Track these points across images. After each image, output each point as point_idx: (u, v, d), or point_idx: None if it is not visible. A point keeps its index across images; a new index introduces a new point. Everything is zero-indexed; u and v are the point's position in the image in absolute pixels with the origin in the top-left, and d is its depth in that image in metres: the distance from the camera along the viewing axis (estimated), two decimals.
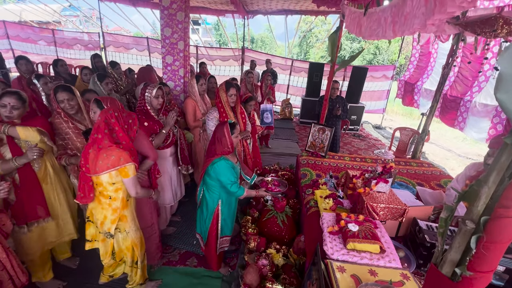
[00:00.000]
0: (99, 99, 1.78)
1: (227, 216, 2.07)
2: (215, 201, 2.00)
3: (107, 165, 1.50)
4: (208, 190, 2.00)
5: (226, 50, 8.52)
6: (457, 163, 5.61)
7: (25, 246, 1.81)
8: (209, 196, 2.00)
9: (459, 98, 4.71)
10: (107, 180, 1.57)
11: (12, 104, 1.67)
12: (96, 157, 1.51)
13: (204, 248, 2.17)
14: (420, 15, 1.46)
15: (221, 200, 2.00)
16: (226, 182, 1.89)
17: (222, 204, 2.01)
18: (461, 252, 0.63)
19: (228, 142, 1.90)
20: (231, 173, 1.90)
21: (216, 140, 1.92)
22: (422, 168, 3.11)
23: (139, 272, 1.87)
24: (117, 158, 1.51)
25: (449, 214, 0.67)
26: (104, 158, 1.50)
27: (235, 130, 1.97)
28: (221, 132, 1.91)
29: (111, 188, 1.59)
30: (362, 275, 1.39)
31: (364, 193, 1.94)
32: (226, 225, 2.09)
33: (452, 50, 2.93)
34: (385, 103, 7.83)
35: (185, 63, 3.02)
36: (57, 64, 3.66)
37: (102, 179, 1.56)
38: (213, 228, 2.05)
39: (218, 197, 1.99)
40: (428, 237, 1.61)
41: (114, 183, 1.59)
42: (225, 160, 1.89)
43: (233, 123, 1.99)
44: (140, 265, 1.85)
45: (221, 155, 1.91)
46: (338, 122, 4.08)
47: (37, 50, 8.83)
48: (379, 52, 18.39)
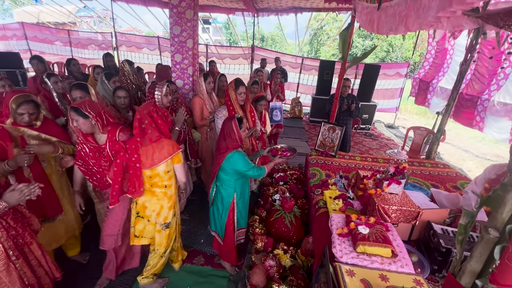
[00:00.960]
0: (77, 106, 1.63)
1: (242, 208, 2.12)
2: (231, 195, 2.03)
3: (164, 154, 1.69)
4: (222, 185, 2.03)
5: (236, 48, 8.51)
6: (475, 164, 5.38)
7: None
8: (224, 191, 2.03)
9: (476, 97, 4.50)
10: (164, 169, 1.74)
11: (30, 112, 1.75)
12: (152, 151, 1.68)
13: (223, 243, 2.16)
14: (434, 7, 1.38)
15: (236, 193, 2.03)
16: (245, 169, 1.91)
17: (237, 197, 2.04)
18: (482, 262, 0.58)
19: (236, 136, 1.92)
20: (247, 161, 1.94)
21: (226, 135, 1.94)
22: (437, 169, 2.99)
23: (162, 261, 1.99)
24: (170, 146, 1.72)
25: (469, 220, 0.62)
26: (160, 149, 1.69)
27: (243, 124, 1.98)
28: (230, 127, 1.92)
29: (166, 176, 1.78)
30: (373, 280, 1.33)
31: (375, 194, 1.87)
32: (242, 217, 2.14)
33: (472, 45, 2.79)
34: (398, 101, 7.61)
35: (193, 61, 3.02)
36: (70, 63, 3.74)
37: (159, 170, 1.73)
38: (230, 222, 2.09)
39: (233, 191, 2.02)
40: (443, 242, 1.53)
41: (168, 171, 1.78)
42: (238, 152, 1.93)
43: (240, 117, 2.00)
44: (166, 255, 2.00)
45: (233, 149, 1.93)
46: (349, 121, 3.99)
47: (53, 50, 9.11)
48: (393, 50, 17.91)
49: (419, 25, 1.58)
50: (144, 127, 1.66)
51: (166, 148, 1.70)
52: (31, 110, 1.74)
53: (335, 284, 1.34)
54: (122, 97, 2.37)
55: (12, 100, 1.69)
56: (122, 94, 2.37)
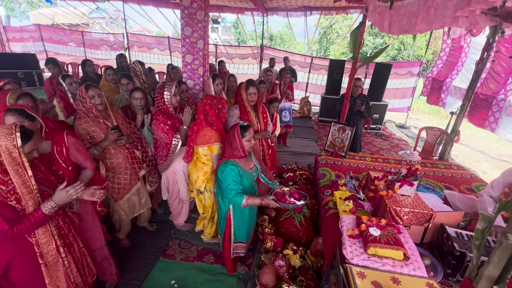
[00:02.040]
0: (20, 107, 1.47)
1: (240, 222, 1.98)
2: (227, 206, 1.94)
3: (201, 141, 2.10)
4: (220, 193, 1.96)
5: (245, 48, 8.53)
6: (490, 165, 5.22)
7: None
8: (221, 200, 1.97)
9: (491, 97, 4.36)
10: (202, 152, 2.19)
11: (30, 106, 1.69)
12: (197, 134, 2.13)
13: (222, 250, 2.17)
14: (451, 7, 1.35)
15: (232, 205, 1.92)
16: (225, 187, 1.80)
17: (233, 208, 1.93)
18: (500, 268, 0.57)
19: (238, 146, 1.81)
20: (232, 179, 1.78)
21: (227, 142, 1.87)
22: (451, 171, 2.92)
23: (214, 227, 2.48)
24: (209, 137, 2.08)
25: (486, 225, 0.61)
26: (201, 136, 2.10)
27: (247, 133, 1.84)
28: (232, 134, 1.83)
29: (204, 158, 2.21)
30: (384, 283, 1.32)
31: (386, 196, 1.85)
32: (239, 231, 2.01)
33: (488, 43, 2.71)
34: (410, 101, 7.46)
35: (204, 62, 3.06)
36: (86, 64, 3.85)
37: (199, 150, 2.19)
38: (226, 232, 2.01)
39: (229, 203, 1.92)
40: (457, 245, 1.50)
41: (206, 155, 2.20)
42: (231, 164, 1.80)
43: (246, 125, 1.87)
44: (215, 220, 2.44)
45: (229, 158, 1.83)
46: (360, 121, 3.94)
47: (67, 51, 9.38)
48: (404, 48, 17.54)
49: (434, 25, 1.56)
50: (198, 115, 2.15)
51: (205, 138, 2.09)
52: (30, 103, 1.72)
53: (346, 286, 1.33)
54: (139, 98, 2.42)
55: (8, 96, 1.67)
56: (139, 95, 2.42)
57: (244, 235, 2.05)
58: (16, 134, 1.20)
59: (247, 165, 1.93)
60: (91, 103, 1.98)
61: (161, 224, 2.79)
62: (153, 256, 2.38)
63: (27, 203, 1.26)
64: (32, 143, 1.27)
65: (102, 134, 2.03)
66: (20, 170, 1.22)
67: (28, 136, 1.25)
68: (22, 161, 1.22)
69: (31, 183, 1.26)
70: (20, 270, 1.34)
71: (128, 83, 2.90)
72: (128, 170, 2.21)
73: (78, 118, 2.02)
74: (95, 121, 2.02)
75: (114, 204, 2.25)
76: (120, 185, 2.20)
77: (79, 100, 1.97)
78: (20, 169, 1.22)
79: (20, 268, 1.34)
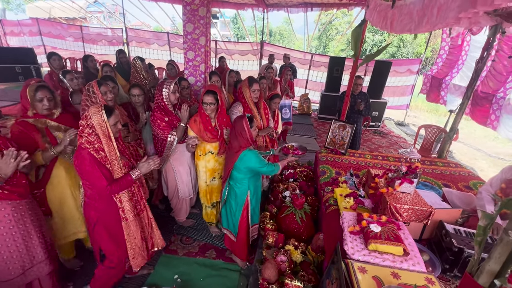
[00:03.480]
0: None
1: (255, 205, 2.18)
2: (245, 193, 2.07)
3: None
4: (236, 184, 2.07)
5: (244, 44, 8.50)
6: (487, 163, 5.28)
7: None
8: (238, 189, 2.07)
9: (491, 94, 4.40)
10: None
11: (48, 97, 1.81)
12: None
13: (236, 240, 2.22)
14: (455, 8, 1.36)
15: (250, 190, 2.08)
16: (259, 166, 1.97)
17: (250, 194, 2.09)
18: (501, 263, 0.60)
19: (248, 135, 1.94)
20: (260, 158, 1.99)
21: (237, 134, 1.95)
22: (449, 169, 2.97)
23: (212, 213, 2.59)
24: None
25: (488, 222, 0.64)
26: None
27: (253, 123, 2.01)
28: (241, 125, 1.94)
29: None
30: (384, 277, 1.36)
31: (387, 193, 1.89)
32: (255, 213, 2.22)
33: (488, 42, 2.73)
34: (409, 98, 7.50)
35: (206, 58, 3.06)
36: (87, 60, 3.83)
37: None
38: (244, 220, 2.14)
39: (247, 188, 2.07)
40: (455, 242, 1.54)
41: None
42: (250, 150, 1.97)
43: (250, 116, 2.01)
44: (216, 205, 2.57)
45: (246, 148, 1.96)
46: (360, 119, 3.97)
47: (66, 46, 9.28)
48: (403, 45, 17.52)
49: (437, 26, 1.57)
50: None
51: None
52: (48, 94, 1.80)
53: (347, 281, 1.37)
54: (136, 95, 2.42)
55: (28, 88, 1.78)
56: (136, 92, 2.42)
57: (258, 215, 2.29)
58: (102, 111, 1.51)
59: None
60: (103, 99, 1.98)
61: (163, 220, 2.81)
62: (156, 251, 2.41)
63: (114, 168, 1.58)
64: (114, 116, 1.56)
65: None
66: (108, 141, 1.54)
67: (110, 111, 1.55)
68: (109, 133, 1.53)
69: (116, 152, 1.58)
70: (107, 224, 1.67)
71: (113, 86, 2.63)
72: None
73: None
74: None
75: None
76: None
77: (88, 95, 1.96)
78: (109, 140, 1.54)
79: (107, 222, 1.66)
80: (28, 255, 1.61)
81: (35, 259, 1.64)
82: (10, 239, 1.53)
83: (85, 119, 1.50)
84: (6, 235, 1.51)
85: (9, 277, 1.55)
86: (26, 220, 1.59)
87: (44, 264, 1.68)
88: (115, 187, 1.57)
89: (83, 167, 1.51)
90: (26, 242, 1.59)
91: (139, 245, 1.83)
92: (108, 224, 1.67)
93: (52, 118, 1.88)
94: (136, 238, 1.79)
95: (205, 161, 2.40)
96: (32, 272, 1.64)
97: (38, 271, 1.67)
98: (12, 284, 1.57)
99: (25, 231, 1.59)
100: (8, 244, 1.53)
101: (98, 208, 1.63)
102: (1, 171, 1.39)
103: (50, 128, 1.86)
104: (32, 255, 1.62)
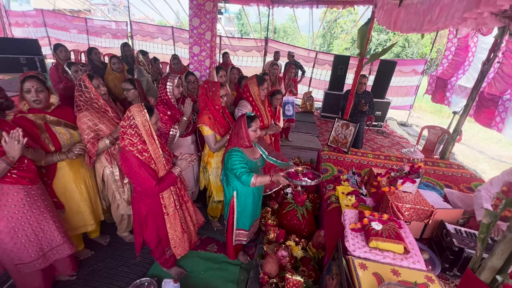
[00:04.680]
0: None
1: (243, 209, 2.04)
2: (231, 192, 2.00)
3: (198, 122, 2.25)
4: (226, 181, 2.03)
5: (249, 40, 8.46)
6: (490, 166, 5.28)
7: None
8: (226, 186, 2.04)
9: (497, 96, 4.37)
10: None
11: (35, 87, 1.69)
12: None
13: (225, 235, 2.23)
14: (461, 8, 1.36)
15: (236, 191, 1.98)
16: (231, 167, 1.83)
17: (237, 195, 1.99)
18: (503, 259, 0.61)
19: (244, 135, 1.85)
20: (239, 161, 1.82)
21: (233, 132, 1.91)
22: (451, 170, 2.97)
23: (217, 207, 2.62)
24: (201, 119, 2.19)
25: (492, 220, 0.65)
26: (199, 117, 2.26)
27: (254, 123, 1.87)
28: (239, 124, 1.88)
29: None
30: (385, 274, 1.38)
31: (389, 192, 1.90)
32: (242, 218, 2.06)
33: (496, 44, 2.71)
34: (413, 99, 7.46)
35: (211, 53, 3.06)
36: (91, 52, 3.83)
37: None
38: (229, 218, 2.07)
39: (233, 189, 1.98)
40: (456, 241, 1.55)
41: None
42: (236, 151, 1.86)
43: (252, 116, 1.90)
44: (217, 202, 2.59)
45: (235, 146, 1.88)
46: (363, 118, 3.97)
47: (70, 38, 9.28)
48: (409, 45, 17.41)
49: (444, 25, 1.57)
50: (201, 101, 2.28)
51: (199, 119, 2.25)
52: (35, 85, 1.68)
53: (348, 276, 1.39)
54: (127, 89, 2.40)
55: (19, 80, 1.69)
56: (127, 86, 2.39)
57: (246, 222, 2.10)
58: (144, 110, 1.52)
59: (253, 154, 1.96)
60: (97, 93, 1.94)
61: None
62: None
63: (159, 167, 1.63)
64: (155, 115, 1.59)
65: (110, 125, 2.00)
66: (152, 140, 1.57)
67: (151, 110, 1.58)
68: (152, 132, 1.56)
69: (159, 150, 1.61)
70: (153, 218, 1.77)
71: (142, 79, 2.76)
72: None
73: (79, 110, 1.91)
74: (100, 112, 1.97)
75: (120, 200, 2.23)
76: None
77: (80, 90, 1.90)
78: (152, 139, 1.56)
79: (153, 216, 1.76)
80: (46, 238, 1.66)
81: (54, 242, 1.70)
82: (25, 223, 1.56)
83: (127, 119, 1.51)
84: (21, 219, 1.55)
85: (29, 259, 1.60)
86: (40, 205, 1.62)
87: (63, 247, 1.74)
88: (162, 185, 1.63)
89: (130, 170, 1.54)
90: (42, 226, 1.64)
91: (180, 237, 1.91)
92: (154, 217, 1.77)
93: (49, 112, 1.80)
94: (177, 230, 1.87)
95: (220, 156, 2.38)
96: (52, 254, 1.70)
97: (58, 253, 1.73)
98: (34, 266, 1.63)
99: (40, 215, 1.62)
100: (25, 228, 1.56)
101: (147, 202, 1.72)
102: (9, 155, 1.41)
103: (50, 123, 1.79)
104: (50, 238, 1.68)
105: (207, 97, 2.22)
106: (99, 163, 2.12)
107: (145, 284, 2.00)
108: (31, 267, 1.63)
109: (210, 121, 2.21)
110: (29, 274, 1.66)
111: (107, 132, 1.99)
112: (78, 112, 1.91)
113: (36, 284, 1.76)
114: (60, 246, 1.73)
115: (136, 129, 1.51)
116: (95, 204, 2.18)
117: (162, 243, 1.90)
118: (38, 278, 1.75)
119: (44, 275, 1.79)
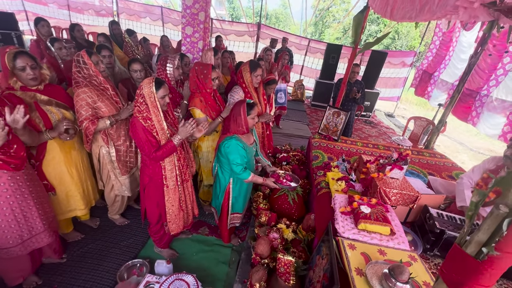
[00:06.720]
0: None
1: (238, 194, 2.09)
2: (227, 179, 2.02)
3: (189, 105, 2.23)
4: (220, 167, 2.03)
5: (241, 25, 8.25)
6: (469, 156, 5.56)
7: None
8: (221, 173, 2.04)
9: (475, 92, 4.55)
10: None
11: (30, 64, 1.63)
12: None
13: (218, 221, 2.26)
14: None
15: (232, 178, 2.01)
16: (232, 161, 1.88)
17: (233, 182, 2.02)
18: (489, 234, 0.66)
19: (243, 122, 1.87)
20: (239, 154, 1.87)
21: (231, 117, 1.91)
22: (435, 159, 3.11)
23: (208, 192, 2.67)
24: (192, 102, 2.18)
25: (480, 198, 0.70)
26: (190, 99, 2.24)
27: (253, 111, 1.90)
28: (238, 111, 1.87)
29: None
30: (372, 254, 1.46)
31: (377, 178, 1.97)
32: (237, 202, 2.12)
33: (484, 38, 2.79)
34: (401, 91, 7.63)
35: (204, 35, 2.97)
36: (74, 29, 3.62)
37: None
38: (224, 205, 2.10)
39: (230, 175, 2.00)
40: (438, 224, 1.66)
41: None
42: (236, 140, 1.87)
43: (252, 103, 1.92)
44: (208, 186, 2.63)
45: (234, 134, 1.89)
46: (354, 107, 4.04)
47: (49, 13, 8.65)
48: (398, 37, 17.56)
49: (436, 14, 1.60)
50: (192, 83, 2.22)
51: (190, 102, 2.23)
52: (29, 62, 1.62)
53: (338, 256, 1.46)
54: (138, 70, 2.31)
55: (6, 58, 1.57)
56: (138, 67, 2.31)
57: (241, 206, 2.17)
58: (152, 83, 1.60)
59: (248, 140, 2.00)
60: (96, 70, 1.87)
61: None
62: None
63: (161, 137, 1.68)
64: (163, 89, 1.64)
65: (109, 104, 1.94)
66: (156, 111, 1.63)
67: (160, 84, 1.63)
68: (156, 104, 1.62)
69: (163, 122, 1.68)
70: (153, 187, 1.83)
71: (109, 55, 2.53)
72: (134, 144, 2.20)
73: (77, 86, 1.86)
74: (99, 90, 1.91)
75: (116, 180, 2.20)
76: (126, 159, 2.18)
77: (78, 66, 1.84)
78: (156, 110, 1.63)
79: (154, 186, 1.82)
80: (27, 225, 1.60)
81: (34, 230, 1.64)
82: (7, 209, 1.51)
83: (139, 89, 1.62)
84: (3, 203, 1.49)
85: (7, 246, 1.55)
86: (24, 190, 1.56)
87: (43, 235, 1.68)
88: (159, 152, 1.68)
89: (135, 134, 1.65)
90: (25, 213, 1.58)
91: (176, 213, 1.94)
92: (154, 187, 1.84)
93: (40, 91, 1.73)
94: (174, 206, 1.91)
95: (210, 140, 2.37)
96: (30, 242, 1.64)
97: (37, 242, 1.67)
98: (11, 253, 1.58)
99: (23, 201, 1.57)
100: (6, 213, 1.51)
101: (148, 173, 1.81)
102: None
103: (40, 103, 1.72)
104: (31, 226, 1.62)
105: (198, 80, 2.15)
106: (95, 143, 2.07)
107: (137, 265, 2.01)
108: (8, 253, 1.57)
109: (202, 104, 2.18)
110: (9, 259, 1.60)
111: (105, 111, 1.93)
112: (77, 87, 1.86)
113: (19, 267, 1.71)
114: (40, 234, 1.67)
115: (144, 99, 1.61)
116: (86, 189, 2.13)
117: (162, 218, 1.95)
118: (22, 262, 1.70)
119: (29, 259, 1.74)
